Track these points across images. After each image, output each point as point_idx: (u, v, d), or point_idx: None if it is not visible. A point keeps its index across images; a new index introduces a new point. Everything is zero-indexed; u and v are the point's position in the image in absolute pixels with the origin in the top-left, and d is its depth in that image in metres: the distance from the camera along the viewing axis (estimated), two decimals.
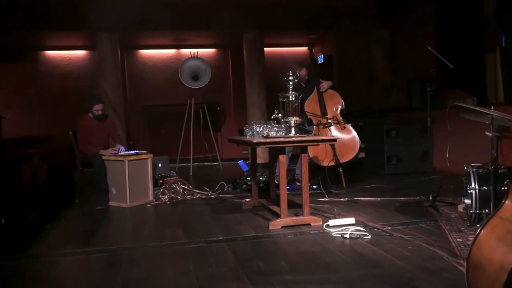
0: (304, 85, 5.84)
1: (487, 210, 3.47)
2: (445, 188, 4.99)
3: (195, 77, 8.03)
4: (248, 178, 5.84)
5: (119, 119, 8.08)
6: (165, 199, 5.43)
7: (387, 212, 4.28)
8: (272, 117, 4.15)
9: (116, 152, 5.37)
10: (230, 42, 9.93)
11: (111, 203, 5.23)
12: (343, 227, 3.67)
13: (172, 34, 9.27)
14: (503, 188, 3.45)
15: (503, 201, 1.53)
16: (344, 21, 8.72)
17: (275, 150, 4.01)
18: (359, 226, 3.67)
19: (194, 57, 8.20)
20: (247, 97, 9.07)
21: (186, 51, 9.85)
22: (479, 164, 3.79)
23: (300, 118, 4.07)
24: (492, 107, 3.47)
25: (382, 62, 8.97)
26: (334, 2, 8.33)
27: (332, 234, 3.55)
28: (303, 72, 5.78)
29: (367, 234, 3.47)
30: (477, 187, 3.54)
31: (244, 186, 5.87)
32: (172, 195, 5.56)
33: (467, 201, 3.78)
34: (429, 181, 4.60)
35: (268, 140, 3.82)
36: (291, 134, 4.00)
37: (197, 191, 5.77)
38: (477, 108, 3.30)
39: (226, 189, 5.92)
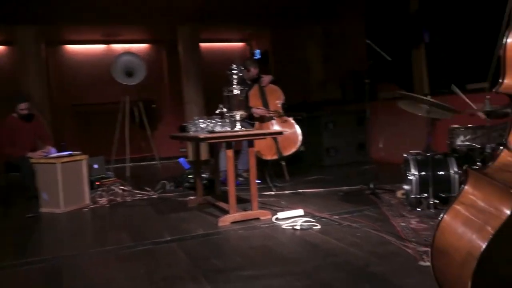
0: (250, 83, 5.81)
1: (425, 194, 3.67)
2: (382, 176, 5.23)
3: (129, 73, 7.68)
4: (190, 176, 5.70)
5: (45, 119, 7.53)
6: (104, 202, 5.14)
7: (332, 202, 4.38)
8: (217, 112, 4.07)
9: (46, 154, 4.98)
10: (164, 37, 9.64)
11: (42, 210, 4.84)
12: (292, 219, 3.69)
13: (101, 29, 8.81)
14: (440, 173, 3.68)
15: (462, 186, 1.59)
16: (279, 17, 8.81)
17: (220, 145, 3.94)
18: (308, 217, 3.71)
19: (128, 52, 7.85)
20: (184, 94, 8.86)
21: (117, 47, 9.41)
22: (417, 151, 4.00)
23: (245, 112, 4.03)
24: (429, 96, 3.68)
25: (316, 57, 9.20)
26: None
27: (282, 227, 3.55)
28: (254, 70, 5.71)
29: (317, 224, 3.51)
30: (416, 173, 3.73)
31: (186, 184, 5.72)
32: (111, 197, 5.28)
33: (406, 187, 3.98)
34: (367, 171, 4.77)
35: (216, 135, 3.74)
36: (237, 128, 3.95)
37: (137, 191, 5.53)
38: (421, 97, 3.47)
39: (168, 187, 5.73)
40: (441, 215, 1.62)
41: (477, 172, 1.56)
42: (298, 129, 5.59)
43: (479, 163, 3.42)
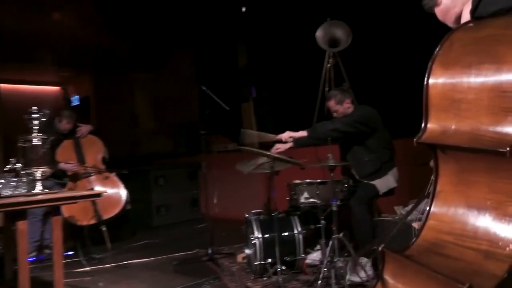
0: (66, 133, 4.77)
1: (270, 260, 3.26)
2: (219, 236, 4.75)
3: None
4: None
5: None
6: None
7: (165, 275, 3.65)
8: (7, 168, 3.02)
9: None
10: None
11: None
12: None
13: None
14: (284, 234, 3.33)
15: (376, 278, 1.13)
16: (104, 61, 7.96)
17: (13, 214, 2.87)
18: None
19: None
20: None
21: None
22: (258, 210, 3.63)
23: (50, 168, 3.08)
24: (270, 148, 3.38)
25: (146, 106, 8.54)
26: (92, 40, 7.49)
27: None
28: (67, 124, 4.72)
29: None
30: (260, 235, 3.32)
31: None
32: None
33: (248, 251, 3.54)
34: (202, 230, 4.22)
35: (1, 201, 2.68)
36: (37, 190, 2.96)
37: None
38: (263, 152, 3.12)
39: None
40: None
41: (397, 254, 1.12)
42: (122, 187, 4.75)
43: (323, 221, 3.19)
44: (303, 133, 3.40)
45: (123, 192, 4.73)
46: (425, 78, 1.00)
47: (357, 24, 4.08)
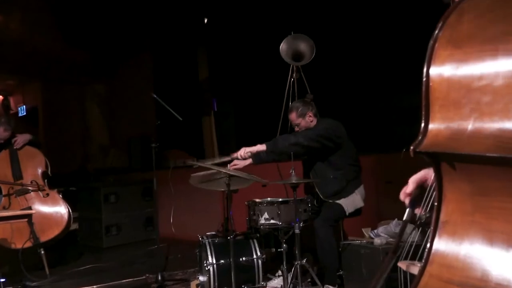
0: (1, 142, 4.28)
1: None
2: (172, 259, 4.37)
3: None
4: None
5: None
6: None
7: None
8: None
9: None
10: None
11: None
12: None
13: None
14: (242, 259, 3.01)
15: None
16: (53, 69, 7.45)
17: None
18: None
19: None
20: None
21: None
22: (213, 232, 3.29)
23: None
24: (229, 165, 3.07)
25: (98, 118, 8.04)
26: (41, 46, 6.98)
27: None
28: (4, 133, 4.24)
29: None
30: (214, 261, 2.97)
31: None
32: None
33: (202, 278, 3.18)
34: (155, 252, 3.82)
35: None
36: None
37: None
38: (216, 167, 2.80)
39: None
40: None
41: None
42: (64, 206, 4.27)
43: (285, 245, 2.90)
44: (261, 147, 3.11)
45: (65, 211, 4.25)
46: (425, 64, 0.73)
47: (321, 38, 3.91)
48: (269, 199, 3.03)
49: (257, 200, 3.05)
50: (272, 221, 2.89)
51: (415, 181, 0.94)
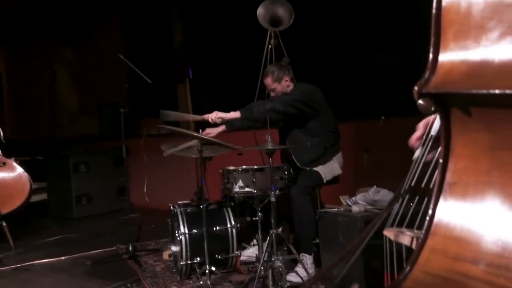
0: None
1: (198, 259, 2.81)
2: (145, 229, 4.23)
3: None
4: None
5: None
6: None
7: (73, 280, 3.08)
8: None
9: None
10: None
11: None
12: None
13: None
14: (216, 228, 2.90)
15: None
16: (17, 30, 6.99)
17: None
18: None
19: None
20: None
21: None
22: (187, 201, 3.15)
23: None
24: (201, 130, 2.91)
25: (67, 84, 7.66)
26: (3, 4, 6.51)
27: None
28: None
29: None
30: (187, 231, 2.85)
31: None
32: None
33: (174, 248, 3.07)
34: (128, 222, 3.66)
35: None
36: None
37: None
38: (194, 133, 2.64)
39: None
40: None
41: None
42: (24, 175, 4.02)
43: (260, 213, 2.79)
44: (235, 114, 2.94)
45: (26, 180, 4.00)
46: None
47: (299, 1, 3.70)
48: (244, 166, 2.89)
49: (231, 167, 2.91)
50: (247, 189, 2.76)
51: (424, 125, 0.80)
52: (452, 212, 0.59)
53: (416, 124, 0.88)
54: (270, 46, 3.57)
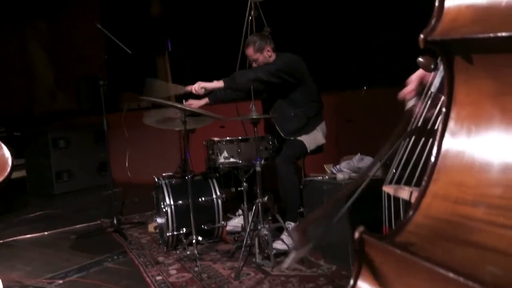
0: None
1: (184, 230, 2.83)
2: (129, 203, 4.22)
3: None
4: None
5: None
6: None
7: (59, 253, 3.06)
8: None
9: None
10: None
11: None
12: None
13: None
14: (201, 199, 2.91)
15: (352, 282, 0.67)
16: None
17: None
18: None
19: None
20: None
21: None
22: (170, 173, 3.14)
23: None
24: (184, 100, 2.87)
25: (43, 58, 7.40)
26: None
27: None
28: None
29: None
30: (172, 203, 2.85)
31: None
32: None
33: (160, 220, 3.07)
34: (110, 197, 3.63)
35: None
36: None
37: None
38: (176, 104, 2.60)
39: None
40: None
41: (385, 244, 0.62)
42: (6, 151, 3.93)
43: (245, 184, 2.81)
44: (218, 84, 2.90)
45: (7, 158, 3.91)
46: None
47: None
48: (228, 138, 2.88)
49: (216, 138, 2.90)
50: (231, 160, 2.76)
51: (417, 78, 0.80)
52: (454, 159, 0.59)
53: (396, 94, 0.89)
54: (250, 17, 3.51)
